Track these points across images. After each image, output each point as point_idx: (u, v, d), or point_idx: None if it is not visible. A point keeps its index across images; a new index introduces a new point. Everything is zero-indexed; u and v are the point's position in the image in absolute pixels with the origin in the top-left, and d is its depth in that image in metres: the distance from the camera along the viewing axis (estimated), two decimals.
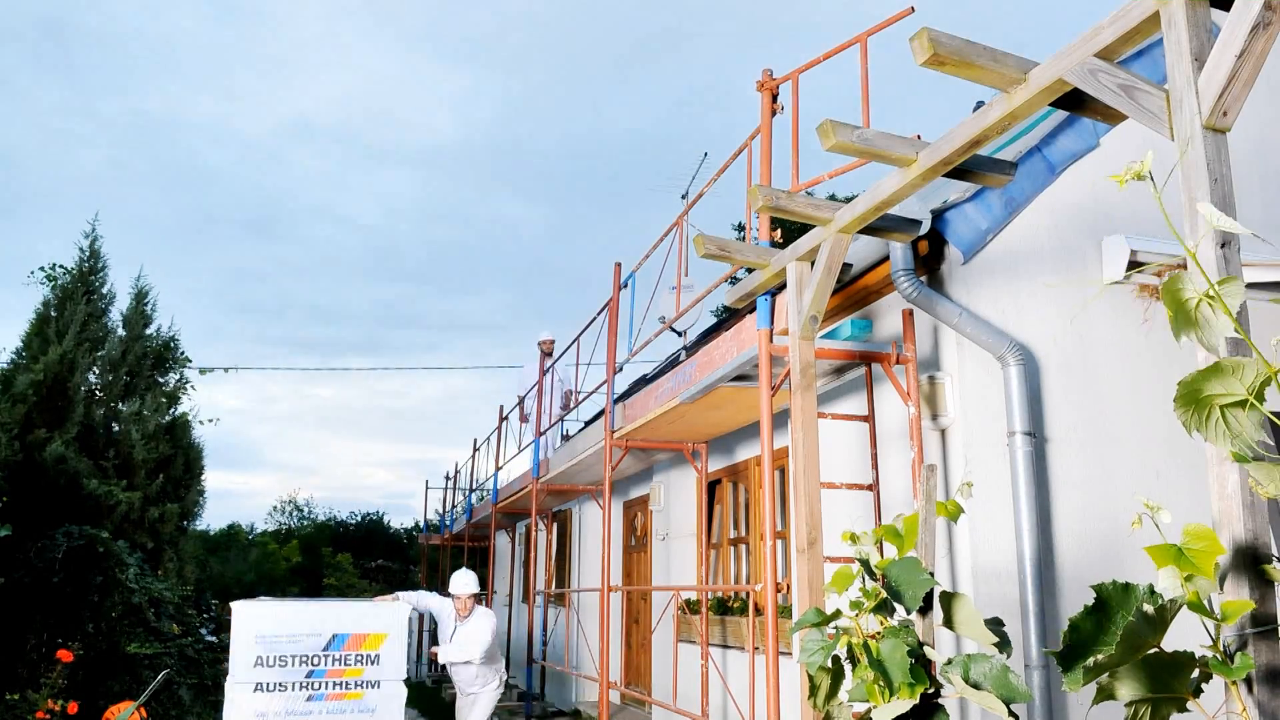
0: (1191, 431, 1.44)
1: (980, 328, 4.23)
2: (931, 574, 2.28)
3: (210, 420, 14.26)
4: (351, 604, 5.66)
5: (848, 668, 2.32)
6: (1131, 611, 1.44)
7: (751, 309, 4.57)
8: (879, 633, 2.24)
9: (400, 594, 6.42)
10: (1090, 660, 1.45)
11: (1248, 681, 1.63)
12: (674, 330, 7.13)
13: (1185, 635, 1.66)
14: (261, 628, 5.26)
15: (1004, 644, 2.16)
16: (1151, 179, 1.54)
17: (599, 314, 7.75)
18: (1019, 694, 2.02)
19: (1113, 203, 4.72)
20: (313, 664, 5.32)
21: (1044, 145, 4.69)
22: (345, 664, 5.39)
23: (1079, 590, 4.21)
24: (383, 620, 5.54)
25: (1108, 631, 1.47)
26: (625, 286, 7.03)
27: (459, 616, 6.70)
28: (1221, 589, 1.68)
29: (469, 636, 6.59)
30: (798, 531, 3.73)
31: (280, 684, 5.24)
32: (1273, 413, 1.43)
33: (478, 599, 6.80)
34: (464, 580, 6.80)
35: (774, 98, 4.64)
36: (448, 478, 18.54)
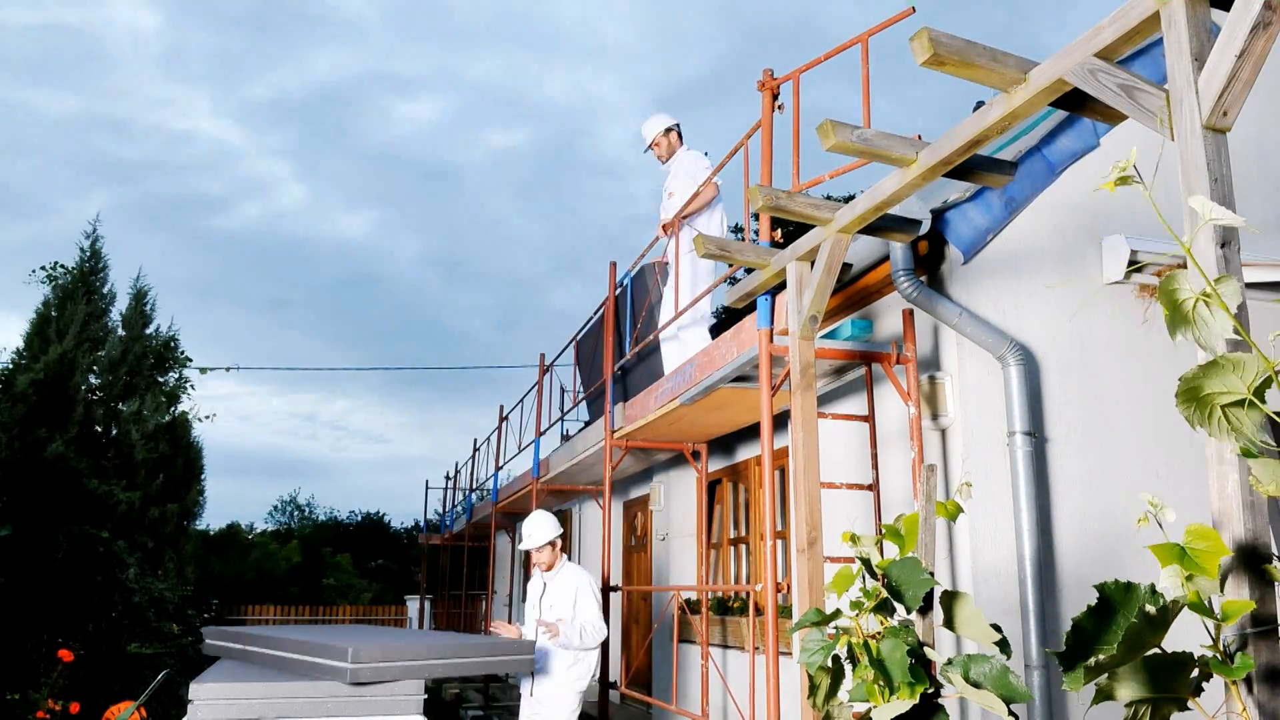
0: (1195, 427, 1.44)
1: (980, 328, 4.23)
2: (932, 574, 2.28)
3: (208, 417, 14.28)
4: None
5: (848, 668, 2.32)
6: (1134, 612, 1.44)
7: (751, 309, 4.57)
8: (879, 633, 2.24)
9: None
10: (1092, 660, 1.45)
11: (1248, 681, 1.63)
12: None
13: (1186, 635, 1.66)
14: None
15: (1004, 645, 2.16)
16: (1139, 176, 1.54)
17: (596, 313, 7.74)
18: (1019, 694, 2.02)
19: (1113, 203, 4.72)
20: None
21: (1044, 145, 4.69)
22: None
23: (1079, 590, 4.21)
24: None
25: (1109, 631, 1.47)
26: (622, 287, 7.03)
27: (542, 574, 5.27)
28: (1222, 589, 1.68)
29: (560, 597, 5.07)
30: (798, 531, 3.73)
31: None
32: (1276, 412, 1.43)
33: (563, 549, 5.34)
34: (534, 525, 5.23)
35: (774, 97, 4.64)
36: (448, 477, 18.55)
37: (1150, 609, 1.42)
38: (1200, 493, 1.88)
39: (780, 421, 5.63)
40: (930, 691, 2.16)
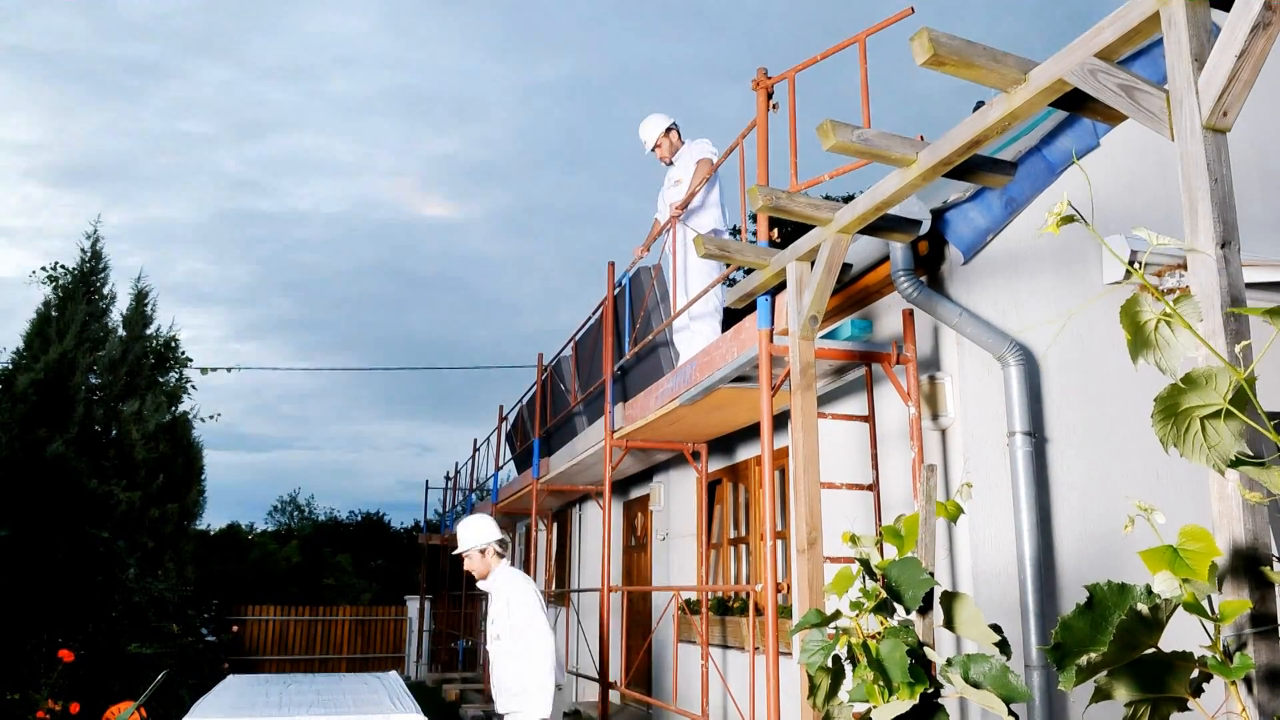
0: (1168, 447, 1.43)
1: (980, 328, 4.23)
2: (931, 574, 2.28)
3: (212, 417, 14.31)
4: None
5: (848, 668, 2.32)
6: (1125, 611, 1.43)
7: (751, 309, 4.57)
8: (879, 633, 2.24)
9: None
10: (1083, 659, 1.45)
11: (1247, 681, 1.63)
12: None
13: (1189, 635, 1.66)
14: None
15: (1004, 646, 2.16)
16: (1080, 216, 1.53)
17: (594, 314, 7.75)
18: (1019, 694, 2.02)
19: (1113, 203, 4.72)
20: None
21: (1044, 145, 4.69)
22: None
23: (1079, 591, 4.21)
24: None
25: (1102, 631, 1.46)
26: (619, 286, 7.03)
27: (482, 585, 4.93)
28: (1221, 590, 1.68)
29: (496, 610, 4.75)
30: (798, 532, 3.73)
31: None
32: (1267, 414, 1.43)
33: (498, 555, 4.92)
34: (462, 528, 4.95)
35: (769, 96, 4.63)
36: (448, 477, 18.55)
37: (1143, 609, 1.42)
38: (1201, 493, 1.88)
39: (780, 421, 5.63)
40: (930, 691, 2.16)
